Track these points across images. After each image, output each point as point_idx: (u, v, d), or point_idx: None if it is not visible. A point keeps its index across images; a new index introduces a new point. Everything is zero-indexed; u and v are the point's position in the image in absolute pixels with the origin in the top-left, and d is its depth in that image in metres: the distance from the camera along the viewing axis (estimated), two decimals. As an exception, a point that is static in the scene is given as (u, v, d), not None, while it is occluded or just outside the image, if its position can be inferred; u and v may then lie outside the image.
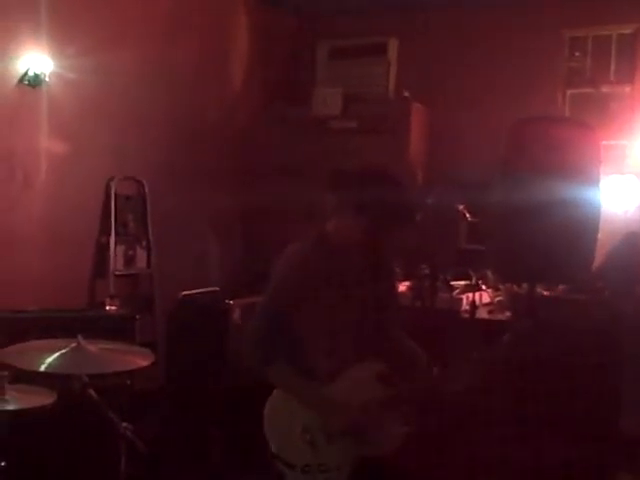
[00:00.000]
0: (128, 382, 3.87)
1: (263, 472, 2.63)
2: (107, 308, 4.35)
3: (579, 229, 3.54)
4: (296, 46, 6.52)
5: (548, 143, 3.65)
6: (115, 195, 4.94)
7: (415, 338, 2.71)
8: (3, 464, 3.00)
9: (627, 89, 5.78)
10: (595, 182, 3.66)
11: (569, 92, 5.97)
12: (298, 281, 2.53)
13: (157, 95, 5.14)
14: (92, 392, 2.84)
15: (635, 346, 2.92)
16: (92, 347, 2.90)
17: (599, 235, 3.63)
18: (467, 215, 4.56)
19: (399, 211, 2.51)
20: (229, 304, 4.64)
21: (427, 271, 4.23)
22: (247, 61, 6.13)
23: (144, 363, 2.96)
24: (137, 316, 4.27)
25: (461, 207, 4.59)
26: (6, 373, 2.98)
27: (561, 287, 4.15)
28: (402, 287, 4.36)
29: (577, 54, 5.99)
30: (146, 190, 5.13)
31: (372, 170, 2.62)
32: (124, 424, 2.82)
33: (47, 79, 4.39)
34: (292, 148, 5.75)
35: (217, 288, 5.01)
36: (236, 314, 4.63)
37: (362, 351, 2.57)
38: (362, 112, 5.81)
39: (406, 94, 5.86)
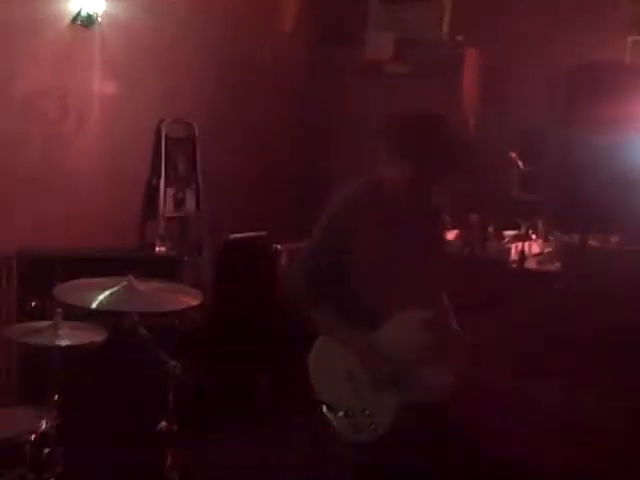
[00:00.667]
0: (176, 322, 3.94)
1: (308, 414, 2.66)
2: (157, 249, 4.41)
3: (633, 179, 3.45)
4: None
5: (605, 90, 3.54)
6: (166, 137, 4.96)
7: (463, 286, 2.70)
8: (56, 398, 3.09)
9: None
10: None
11: (630, 39, 5.76)
12: (347, 223, 2.52)
13: (207, 38, 5.11)
14: (143, 330, 2.90)
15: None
16: (142, 286, 2.95)
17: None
18: (519, 163, 4.47)
19: (445, 156, 2.47)
20: (277, 248, 4.66)
21: (476, 219, 4.18)
22: (297, 1, 6.04)
23: (193, 303, 3.01)
24: (185, 258, 4.31)
25: (513, 154, 4.50)
26: (60, 310, 3.05)
27: (613, 239, 4.07)
28: (450, 235, 4.32)
29: (640, -2, 5.77)
30: (196, 133, 5.14)
31: (420, 114, 2.57)
32: (173, 362, 2.87)
33: (99, 19, 4.39)
34: (343, 91, 5.68)
35: (264, 232, 5.02)
36: (284, 259, 4.65)
37: (409, 298, 2.55)
38: (415, 56, 5.70)
39: (460, 38, 5.72)
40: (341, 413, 2.53)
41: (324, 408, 2.55)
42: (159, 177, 4.93)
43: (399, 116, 2.63)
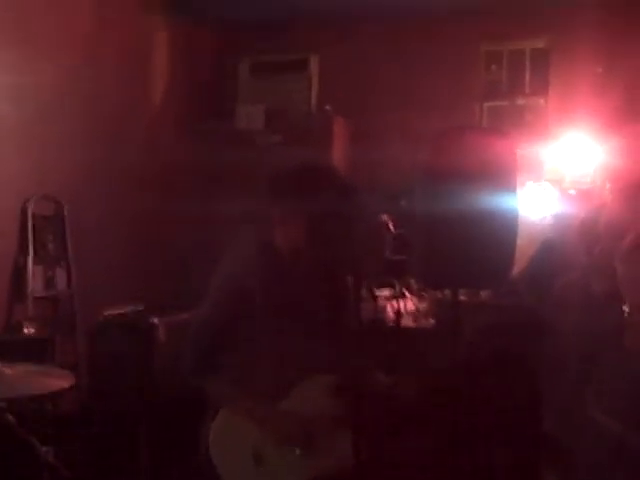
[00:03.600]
0: (49, 406, 3.75)
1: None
2: (25, 331, 4.23)
3: (498, 235, 3.59)
4: (217, 62, 6.51)
5: (467, 152, 3.70)
6: (33, 215, 4.82)
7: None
8: None
9: (541, 101, 5.96)
10: (513, 190, 3.72)
11: (486, 105, 6.12)
12: (240, 292, 2.43)
13: (75, 113, 5.05)
14: (9, 417, 2.74)
15: (551, 348, 2.99)
16: (8, 370, 2.80)
17: (518, 241, 3.70)
18: (390, 225, 4.60)
19: (336, 203, 2.41)
20: (153, 322, 4.56)
21: (351, 282, 4.23)
22: (168, 77, 6.09)
23: (64, 385, 2.87)
24: (57, 338, 4.15)
25: (384, 217, 4.63)
26: None
27: (483, 293, 4.23)
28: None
29: (493, 67, 6.15)
30: (65, 210, 5.01)
31: (304, 167, 2.53)
32: (45, 448, 2.73)
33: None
34: (216, 163, 5.72)
35: (141, 307, 4.91)
36: (161, 332, 4.55)
37: (313, 364, 2.46)
38: (285, 127, 5.84)
39: (328, 108, 5.92)
40: None
41: None
42: (27, 256, 4.76)
43: (285, 173, 2.55)
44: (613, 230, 1.78)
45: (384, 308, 4.32)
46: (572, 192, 5.06)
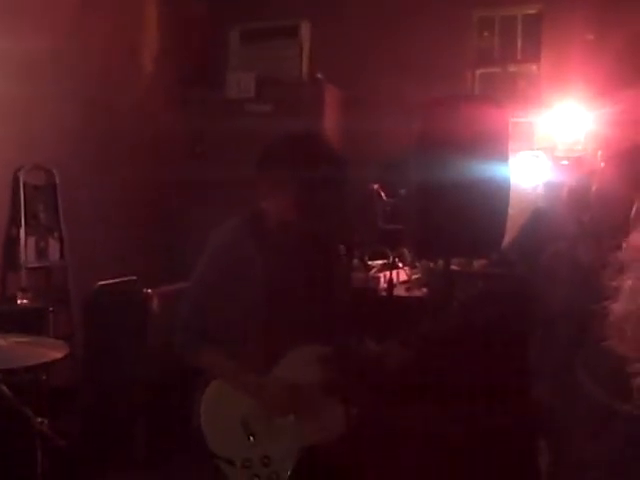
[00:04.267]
0: (44, 377, 3.77)
1: (188, 466, 2.57)
2: (19, 302, 4.23)
3: (490, 205, 3.60)
4: (207, 30, 6.44)
5: (459, 120, 3.70)
6: (24, 185, 4.79)
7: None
8: None
9: (533, 68, 5.93)
10: (505, 158, 3.73)
11: (478, 72, 6.09)
12: (230, 263, 2.43)
13: (66, 83, 4.99)
14: (3, 387, 2.76)
15: (541, 316, 3.01)
16: (2, 341, 2.81)
17: (510, 210, 3.71)
18: (382, 194, 4.60)
19: (325, 170, 2.39)
20: (147, 293, 4.56)
21: (343, 251, 4.24)
22: (158, 47, 6.03)
23: (58, 355, 2.89)
24: (51, 309, 4.16)
25: (376, 186, 4.63)
26: None
27: (475, 263, 4.25)
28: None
29: (485, 34, 6.11)
30: (56, 179, 4.99)
31: (293, 134, 2.51)
32: (39, 419, 2.75)
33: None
34: (207, 132, 5.70)
35: (134, 277, 4.91)
36: (155, 303, 4.56)
37: (303, 334, 2.46)
38: (276, 95, 5.80)
39: (319, 76, 5.88)
40: (238, 464, 2.39)
41: (220, 462, 2.40)
42: (19, 226, 4.74)
43: (274, 143, 2.52)
44: (603, 198, 1.79)
45: (377, 278, 4.34)
46: (565, 162, 5.06)
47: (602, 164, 2.76)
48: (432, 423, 3.67)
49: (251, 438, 2.43)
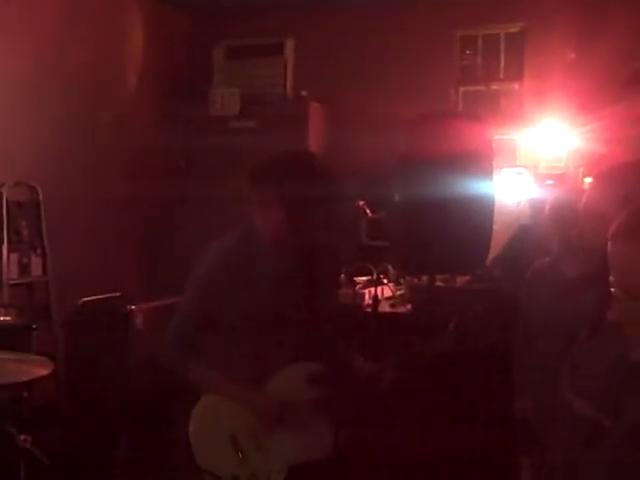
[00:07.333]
0: (25, 394, 3.73)
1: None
2: (1, 319, 4.19)
3: (475, 221, 3.62)
4: (193, 46, 6.46)
5: (443, 138, 3.72)
6: (7, 201, 4.77)
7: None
8: None
9: (516, 86, 5.99)
10: (488, 175, 3.76)
11: (462, 89, 6.15)
12: (222, 280, 2.42)
13: (49, 98, 4.99)
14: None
15: (526, 331, 3.03)
16: (-15, 359, 2.79)
17: (494, 226, 3.73)
18: (367, 211, 4.62)
19: (317, 188, 2.39)
20: (130, 309, 4.54)
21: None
22: (143, 62, 6.03)
23: (42, 372, 2.86)
24: (34, 326, 4.12)
25: (361, 203, 4.65)
26: None
27: (459, 279, 4.26)
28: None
29: (468, 52, 6.18)
30: (40, 196, 4.97)
31: (286, 154, 2.52)
32: (23, 437, 2.72)
33: None
34: (191, 148, 5.71)
35: (118, 293, 4.89)
36: (138, 319, 4.54)
37: (294, 351, 2.45)
38: (260, 112, 5.82)
39: (303, 93, 5.90)
40: None
41: (208, 478, 2.38)
42: (1, 243, 4.71)
43: (267, 158, 2.52)
44: (591, 214, 1.80)
45: (362, 294, 4.34)
46: (549, 182, 5.11)
47: (589, 180, 2.79)
48: (415, 439, 3.67)
49: (240, 454, 2.42)
